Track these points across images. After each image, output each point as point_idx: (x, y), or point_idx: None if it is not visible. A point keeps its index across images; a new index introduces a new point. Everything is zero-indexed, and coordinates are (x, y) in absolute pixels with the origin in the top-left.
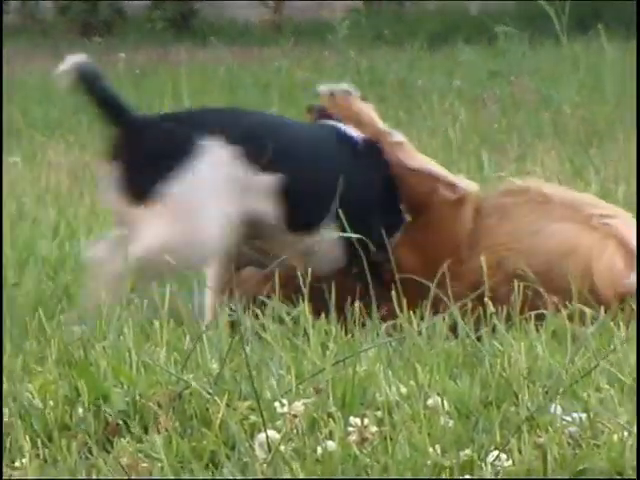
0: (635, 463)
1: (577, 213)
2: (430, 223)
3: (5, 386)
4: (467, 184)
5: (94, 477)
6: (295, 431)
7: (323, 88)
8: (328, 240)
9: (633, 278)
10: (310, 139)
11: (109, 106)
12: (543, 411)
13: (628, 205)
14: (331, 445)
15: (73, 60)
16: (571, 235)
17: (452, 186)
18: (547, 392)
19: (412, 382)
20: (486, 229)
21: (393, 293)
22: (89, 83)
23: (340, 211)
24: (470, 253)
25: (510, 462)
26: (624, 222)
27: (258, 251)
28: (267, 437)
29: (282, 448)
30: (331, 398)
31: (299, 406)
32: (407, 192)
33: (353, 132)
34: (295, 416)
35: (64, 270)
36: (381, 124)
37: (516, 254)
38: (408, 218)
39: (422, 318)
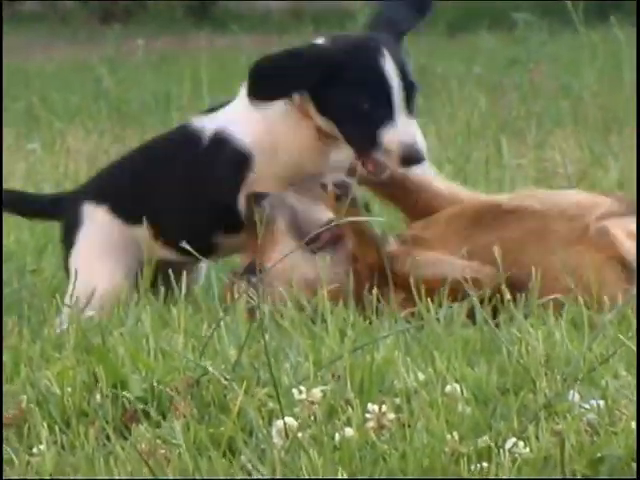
0: None
1: (574, 225)
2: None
3: (23, 373)
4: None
5: (112, 463)
6: (313, 418)
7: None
8: None
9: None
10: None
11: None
12: (561, 398)
13: None
14: (349, 432)
15: None
16: (574, 265)
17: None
18: (565, 379)
19: (430, 369)
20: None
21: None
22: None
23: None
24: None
25: (528, 449)
26: (619, 221)
27: None
28: (285, 424)
29: (300, 435)
30: (349, 385)
31: (317, 393)
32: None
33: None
34: (313, 403)
35: None
36: None
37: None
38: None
39: (440, 305)
